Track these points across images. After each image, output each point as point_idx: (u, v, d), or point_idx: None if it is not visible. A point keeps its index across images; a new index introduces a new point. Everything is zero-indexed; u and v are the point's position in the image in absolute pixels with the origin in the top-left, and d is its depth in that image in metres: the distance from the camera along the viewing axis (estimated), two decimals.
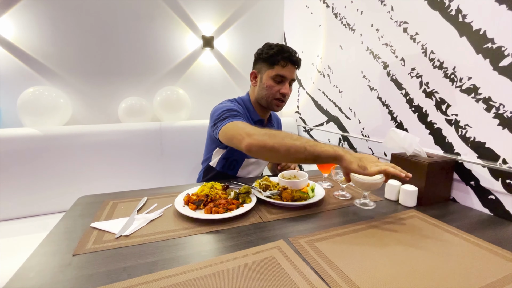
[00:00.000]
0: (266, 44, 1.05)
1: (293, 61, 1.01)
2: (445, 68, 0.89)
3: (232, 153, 1.11)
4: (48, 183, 1.30)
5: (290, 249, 0.58)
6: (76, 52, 1.52)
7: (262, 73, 1.06)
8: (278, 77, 1.03)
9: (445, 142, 0.91)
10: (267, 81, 1.04)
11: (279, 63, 1.01)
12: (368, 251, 0.58)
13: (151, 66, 1.69)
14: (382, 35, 1.13)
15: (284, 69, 1.02)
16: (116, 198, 0.86)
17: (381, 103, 1.16)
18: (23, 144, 1.25)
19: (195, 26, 1.76)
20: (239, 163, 1.13)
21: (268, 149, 0.75)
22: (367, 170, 0.68)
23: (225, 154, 1.13)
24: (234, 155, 1.12)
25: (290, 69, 1.03)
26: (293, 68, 1.03)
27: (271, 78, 1.03)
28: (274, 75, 1.02)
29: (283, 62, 1.01)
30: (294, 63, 1.02)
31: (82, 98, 1.57)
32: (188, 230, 0.66)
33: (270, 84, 1.04)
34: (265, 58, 1.03)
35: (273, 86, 1.04)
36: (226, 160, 1.14)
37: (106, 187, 1.40)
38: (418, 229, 0.68)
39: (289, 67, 1.02)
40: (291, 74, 1.04)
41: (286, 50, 1.01)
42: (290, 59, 1.01)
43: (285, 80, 1.04)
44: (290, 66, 1.02)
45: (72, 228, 0.66)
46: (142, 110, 1.60)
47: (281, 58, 1.00)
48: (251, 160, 1.14)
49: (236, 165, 1.14)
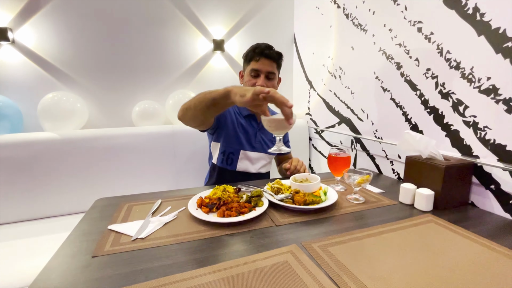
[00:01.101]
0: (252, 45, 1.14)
1: (265, 55, 1.08)
2: (462, 68, 0.86)
3: (226, 145, 1.17)
4: (67, 185, 1.35)
5: (303, 254, 0.58)
6: (92, 58, 1.57)
7: (244, 71, 1.17)
8: (253, 71, 1.10)
9: (463, 144, 0.88)
10: (246, 76, 1.14)
11: (253, 58, 1.10)
12: (383, 257, 0.57)
13: (164, 70, 1.73)
14: (395, 35, 1.11)
15: (257, 63, 1.09)
16: (131, 201, 0.89)
17: (395, 104, 1.14)
18: (43, 147, 1.30)
19: (205, 30, 1.78)
20: (236, 155, 1.18)
21: (186, 108, 0.89)
22: (245, 97, 0.66)
23: (221, 148, 1.18)
24: (229, 148, 1.17)
25: (264, 62, 1.09)
26: (266, 61, 1.09)
27: (248, 74, 1.12)
28: (249, 70, 1.11)
29: (256, 56, 1.09)
30: (267, 56, 1.09)
31: (97, 102, 1.62)
32: (202, 233, 0.67)
33: (248, 79, 1.12)
34: (245, 58, 1.14)
35: (250, 80, 1.11)
36: (224, 154, 1.19)
37: (121, 189, 1.44)
38: (435, 234, 0.66)
39: (262, 61, 1.09)
40: (265, 67, 1.09)
41: (259, 45, 1.10)
42: (262, 54, 1.08)
43: (260, 73, 1.10)
44: (263, 59, 1.09)
45: (90, 230, 0.69)
46: (155, 113, 1.64)
47: (253, 54, 1.09)
48: (248, 153, 1.19)
49: (233, 158, 1.18)
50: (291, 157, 1.39)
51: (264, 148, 1.23)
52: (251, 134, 1.21)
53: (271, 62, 1.10)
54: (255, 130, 1.22)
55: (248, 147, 1.19)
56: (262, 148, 1.22)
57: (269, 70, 1.10)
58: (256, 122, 1.23)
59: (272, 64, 1.11)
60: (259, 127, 1.22)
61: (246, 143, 1.18)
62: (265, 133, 1.24)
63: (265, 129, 1.20)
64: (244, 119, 1.21)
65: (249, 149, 1.19)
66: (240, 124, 1.19)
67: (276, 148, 0.76)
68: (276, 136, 0.77)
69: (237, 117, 1.20)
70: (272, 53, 1.09)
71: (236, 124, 1.18)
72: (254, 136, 1.21)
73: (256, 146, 1.21)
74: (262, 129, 1.23)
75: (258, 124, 1.23)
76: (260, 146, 1.22)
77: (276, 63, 1.12)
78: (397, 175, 1.16)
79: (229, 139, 1.16)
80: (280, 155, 1.37)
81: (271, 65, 1.10)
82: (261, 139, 1.22)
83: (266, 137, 1.24)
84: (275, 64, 1.12)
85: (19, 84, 1.46)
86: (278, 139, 0.77)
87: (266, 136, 1.24)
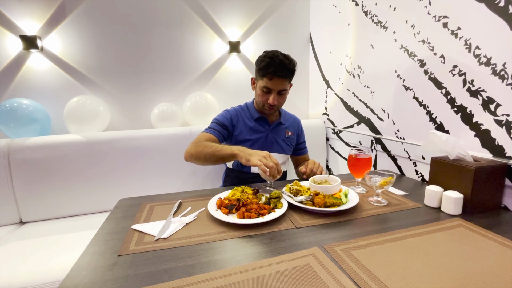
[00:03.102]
0: (264, 53, 1.11)
1: (279, 75, 1.06)
2: (493, 64, 0.82)
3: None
4: (91, 184, 1.41)
5: (326, 257, 0.57)
6: (113, 62, 1.63)
7: (257, 81, 1.16)
8: (266, 88, 1.10)
9: (495, 144, 0.83)
10: (258, 90, 1.14)
11: (266, 75, 1.07)
12: (410, 262, 0.55)
13: (181, 73, 1.76)
14: (418, 32, 1.07)
15: (270, 82, 1.08)
16: (153, 201, 0.91)
17: (418, 103, 1.10)
18: (69, 149, 1.37)
19: (221, 32, 1.80)
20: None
21: (194, 157, 1.03)
22: (249, 162, 0.87)
23: None
24: None
25: (277, 82, 1.07)
26: (279, 80, 1.07)
27: (260, 88, 1.12)
28: (262, 86, 1.11)
29: (269, 75, 1.06)
30: (282, 77, 1.07)
31: (119, 105, 1.68)
32: (222, 234, 0.67)
33: (259, 93, 1.13)
34: (258, 69, 1.11)
35: (262, 95, 1.13)
36: None
37: (141, 189, 1.48)
38: (465, 239, 0.63)
39: (276, 80, 1.07)
40: (278, 86, 1.09)
41: (273, 64, 1.04)
42: (276, 74, 1.05)
43: (272, 92, 1.10)
44: (277, 79, 1.07)
45: (115, 230, 0.71)
46: (173, 115, 1.67)
47: (267, 72, 1.06)
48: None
49: None
50: (308, 158, 1.37)
51: (277, 147, 1.23)
52: (263, 136, 1.21)
53: (284, 80, 1.09)
54: (267, 131, 1.22)
55: (260, 149, 1.17)
56: (275, 148, 1.23)
57: (281, 89, 1.10)
58: (267, 124, 1.23)
59: (285, 81, 1.09)
60: (270, 128, 1.23)
61: (258, 145, 1.19)
62: (276, 133, 1.24)
63: (277, 130, 1.25)
64: (255, 121, 1.21)
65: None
66: (251, 128, 1.20)
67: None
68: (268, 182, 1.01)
69: (248, 121, 1.21)
70: (286, 74, 1.07)
71: (247, 129, 1.20)
72: (265, 138, 1.22)
73: (268, 146, 1.21)
74: (274, 129, 1.24)
75: (269, 126, 1.23)
76: (273, 146, 1.23)
77: (288, 79, 1.11)
78: (420, 177, 1.12)
79: (241, 144, 1.16)
80: (297, 156, 1.36)
81: (283, 83, 1.09)
82: (273, 139, 1.23)
83: (279, 137, 1.25)
84: (288, 80, 1.11)
85: (47, 89, 1.54)
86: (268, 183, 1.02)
87: (279, 136, 1.25)
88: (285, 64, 1.06)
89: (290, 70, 1.09)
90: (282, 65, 1.05)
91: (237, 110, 1.24)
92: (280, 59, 1.05)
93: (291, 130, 1.30)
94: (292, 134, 1.30)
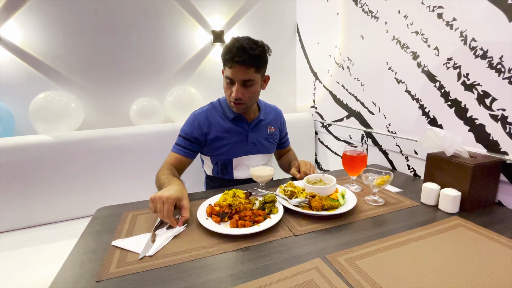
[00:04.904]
0: (231, 39, 0.95)
1: (237, 61, 0.89)
2: (489, 57, 0.79)
3: (217, 157, 1.08)
4: (64, 190, 1.29)
5: (329, 270, 0.53)
6: (85, 53, 1.47)
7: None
8: (228, 79, 0.95)
9: (489, 140, 0.82)
10: (224, 82, 0.99)
11: (226, 64, 0.93)
12: (416, 269, 0.52)
13: (161, 65, 1.64)
14: (411, 22, 1.03)
15: (231, 70, 0.92)
16: (135, 209, 0.83)
17: (411, 97, 1.07)
18: (37, 151, 1.23)
19: (204, 21, 1.68)
20: (229, 165, 1.09)
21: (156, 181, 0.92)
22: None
23: (212, 160, 1.10)
24: (220, 159, 1.08)
25: (237, 69, 0.91)
26: (241, 68, 0.90)
27: (224, 80, 0.98)
28: (225, 77, 0.96)
29: (228, 63, 0.91)
30: (240, 63, 0.89)
31: (93, 101, 1.54)
32: (215, 247, 0.61)
33: (224, 85, 0.99)
34: (221, 58, 0.96)
35: (226, 87, 0.98)
36: (217, 165, 1.10)
37: (123, 193, 1.38)
38: (468, 241, 0.61)
39: (236, 68, 0.90)
40: (239, 75, 0.92)
41: (231, 49, 0.89)
42: (233, 60, 0.89)
43: (235, 82, 0.94)
44: (237, 66, 0.90)
45: (93, 247, 0.63)
46: (154, 111, 1.56)
47: (227, 59, 0.91)
48: (242, 159, 1.09)
49: (227, 168, 1.10)
50: (290, 149, 1.32)
51: (259, 148, 1.11)
52: (242, 137, 1.07)
53: (246, 68, 0.90)
54: (246, 131, 1.07)
55: (241, 153, 1.08)
56: (257, 149, 1.10)
57: (244, 78, 0.93)
58: (246, 123, 1.07)
59: (248, 70, 0.91)
60: (250, 127, 1.07)
61: (237, 149, 1.06)
62: (257, 132, 1.10)
63: (258, 128, 1.12)
64: (231, 122, 1.05)
65: (242, 154, 1.08)
66: (227, 131, 1.05)
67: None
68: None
69: (223, 122, 1.05)
70: (245, 59, 0.88)
71: (223, 132, 1.04)
72: (245, 139, 1.07)
73: (249, 149, 1.09)
74: (254, 128, 1.09)
75: (248, 125, 1.07)
76: (255, 148, 1.10)
77: (254, 67, 0.92)
78: (413, 172, 1.11)
79: (219, 150, 1.05)
80: (279, 149, 1.27)
81: (246, 72, 0.91)
82: (254, 140, 1.09)
83: (261, 136, 1.11)
84: (253, 68, 0.92)
85: (7, 84, 1.37)
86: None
87: (260, 135, 1.11)
88: (245, 49, 0.88)
89: (253, 56, 0.89)
90: (242, 50, 0.88)
91: (207, 111, 1.06)
92: (240, 43, 0.89)
93: (273, 125, 1.16)
94: (275, 129, 1.16)
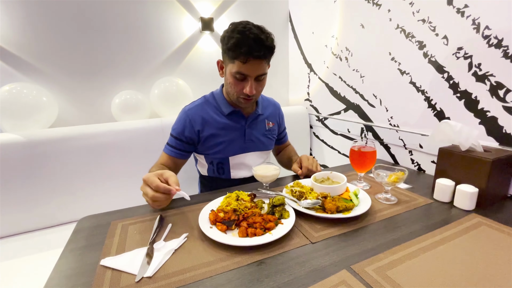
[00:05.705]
0: (230, 26, 0.85)
1: (256, 57, 0.81)
2: (504, 46, 0.76)
3: (212, 155, 0.99)
4: (38, 195, 1.14)
5: (359, 284, 0.46)
6: (58, 42, 1.30)
7: (226, 65, 0.89)
8: (239, 74, 0.85)
9: (502, 132, 0.80)
10: (229, 77, 0.88)
11: (238, 58, 0.82)
12: (451, 278, 0.47)
13: (146, 55, 1.50)
14: (418, 10, 0.98)
15: (244, 66, 0.83)
16: (125, 218, 0.72)
17: (416, 89, 1.03)
18: (3, 152, 1.07)
19: (192, 7, 1.55)
20: (225, 164, 1.01)
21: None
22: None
23: (207, 159, 1.01)
24: (216, 158, 1.00)
25: (253, 64, 0.82)
26: (257, 63, 0.83)
27: (232, 75, 0.86)
28: (234, 72, 0.85)
29: (241, 57, 0.81)
30: (259, 57, 0.82)
31: (68, 94, 1.38)
32: (225, 262, 0.53)
33: (232, 81, 0.87)
34: (226, 49, 0.84)
35: (235, 84, 0.87)
36: (212, 164, 1.02)
37: (108, 198, 1.26)
38: (495, 241, 0.58)
39: (252, 63, 0.82)
40: (255, 71, 0.84)
41: (245, 42, 0.79)
42: (251, 54, 0.80)
43: (249, 78, 0.85)
44: (253, 61, 0.82)
45: (77, 269, 0.52)
46: (138, 105, 1.42)
47: (239, 53, 0.80)
48: (239, 158, 1.01)
49: (224, 168, 1.02)
50: (289, 144, 1.26)
51: (257, 145, 1.03)
52: (239, 134, 0.99)
53: (262, 62, 0.83)
54: (243, 127, 0.99)
55: (238, 151, 1.00)
56: (255, 146, 1.03)
57: (260, 73, 0.86)
58: (243, 118, 0.99)
59: (263, 64, 0.84)
60: (247, 123, 1.00)
61: (234, 147, 0.99)
62: (255, 128, 1.03)
63: (256, 123, 1.03)
64: (227, 117, 0.98)
65: (239, 152, 1.00)
66: (223, 127, 0.97)
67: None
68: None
69: (217, 118, 0.97)
70: (265, 53, 0.82)
71: (218, 128, 0.97)
72: (242, 136, 1.00)
73: (247, 146, 1.01)
74: (252, 124, 1.02)
75: (245, 121, 1.00)
76: (252, 145, 1.02)
77: (267, 59, 0.86)
78: (417, 166, 1.08)
79: (214, 148, 0.97)
80: (278, 145, 1.21)
81: (261, 65, 0.84)
82: (252, 137, 1.01)
83: (259, 132, 1.04)
84: (267, 61, 0.86)
85: None
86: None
87: (258, 131, 1.04)
88: (261, 40, 0.80)
89: (269, 48, 0.83)
90: (259, 42, 0.80)
91: (200, 106, 0.98)
92: (254, 34, 0.79)
93: (271, 120, 1.09)
94: (273, 124, 1.09)
